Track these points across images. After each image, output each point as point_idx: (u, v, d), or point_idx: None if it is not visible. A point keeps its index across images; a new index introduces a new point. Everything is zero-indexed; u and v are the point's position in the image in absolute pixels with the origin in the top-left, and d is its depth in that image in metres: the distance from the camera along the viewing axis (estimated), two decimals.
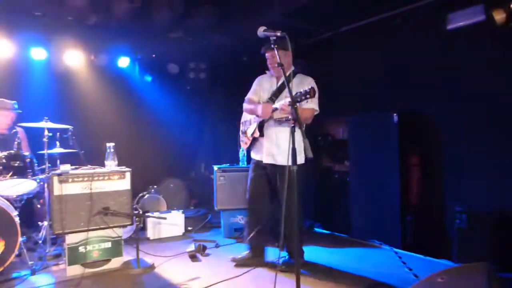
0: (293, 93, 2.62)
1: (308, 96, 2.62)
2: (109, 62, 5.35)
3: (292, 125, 2.33)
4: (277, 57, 2.61)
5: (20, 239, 3.23)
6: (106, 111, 5.31)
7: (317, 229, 4.78)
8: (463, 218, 3.40)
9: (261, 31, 2.28)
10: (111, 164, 3.60)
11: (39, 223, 3.96)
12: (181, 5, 4.38)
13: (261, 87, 3.56)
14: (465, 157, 3.75)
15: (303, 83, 3.26)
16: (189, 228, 4.75)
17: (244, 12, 4.48)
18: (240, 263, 3.56)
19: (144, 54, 5.67)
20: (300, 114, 2.87)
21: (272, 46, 2.27)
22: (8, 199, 3.50)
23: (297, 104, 2.59)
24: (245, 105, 3.60)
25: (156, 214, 4.41)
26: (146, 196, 4.96)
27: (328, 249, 4.08)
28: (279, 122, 3.37)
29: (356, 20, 4.55)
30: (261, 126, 3.46)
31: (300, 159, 3.20)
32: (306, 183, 3.42)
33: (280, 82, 3.42)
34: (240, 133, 3.80)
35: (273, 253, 3.72)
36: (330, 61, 4.91)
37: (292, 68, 3.40)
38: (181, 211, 4.70)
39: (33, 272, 3.30)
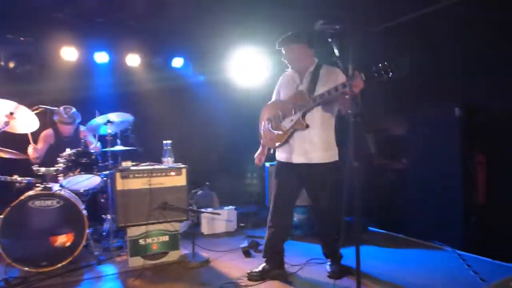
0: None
1: (389, 69, 2.36)
2: (164, 63, 5.53)
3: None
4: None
5: (87, 231, 3.46)
6: (161, 110, 5.51)
7: (371, 228, 4.64)
8: None
9: (318, 24, 2.22)
10: (168, 161, 3.74)
11: (103, 216, 4.21)
12: (239, 5, 4.41)
13: (283, 88, 3.19)
14: None
15: (333, 73, 2.95)
16: (242, 225, 4.81)
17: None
18: (254, 278, 3.12)
19: (197, 55, 5.81)
20: (345, 103, 2.71)
21: (330, 40, 2.21)
22: (76, 193, 3.76)
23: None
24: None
25: (209, 210, 4.53)
26: (199, 192, 5.10)
27: (384, 249, 3.95)
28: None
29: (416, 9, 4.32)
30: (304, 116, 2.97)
31: (332, 156, 3.07)
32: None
33: (307, 76, 3.01)
34: (263, 130, 3.25)
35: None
36: (385, 53, 4.70)
37: (316, 60, 3.06)
38: (234, 207, 4.78)
39: (99, 262, 3.51)
